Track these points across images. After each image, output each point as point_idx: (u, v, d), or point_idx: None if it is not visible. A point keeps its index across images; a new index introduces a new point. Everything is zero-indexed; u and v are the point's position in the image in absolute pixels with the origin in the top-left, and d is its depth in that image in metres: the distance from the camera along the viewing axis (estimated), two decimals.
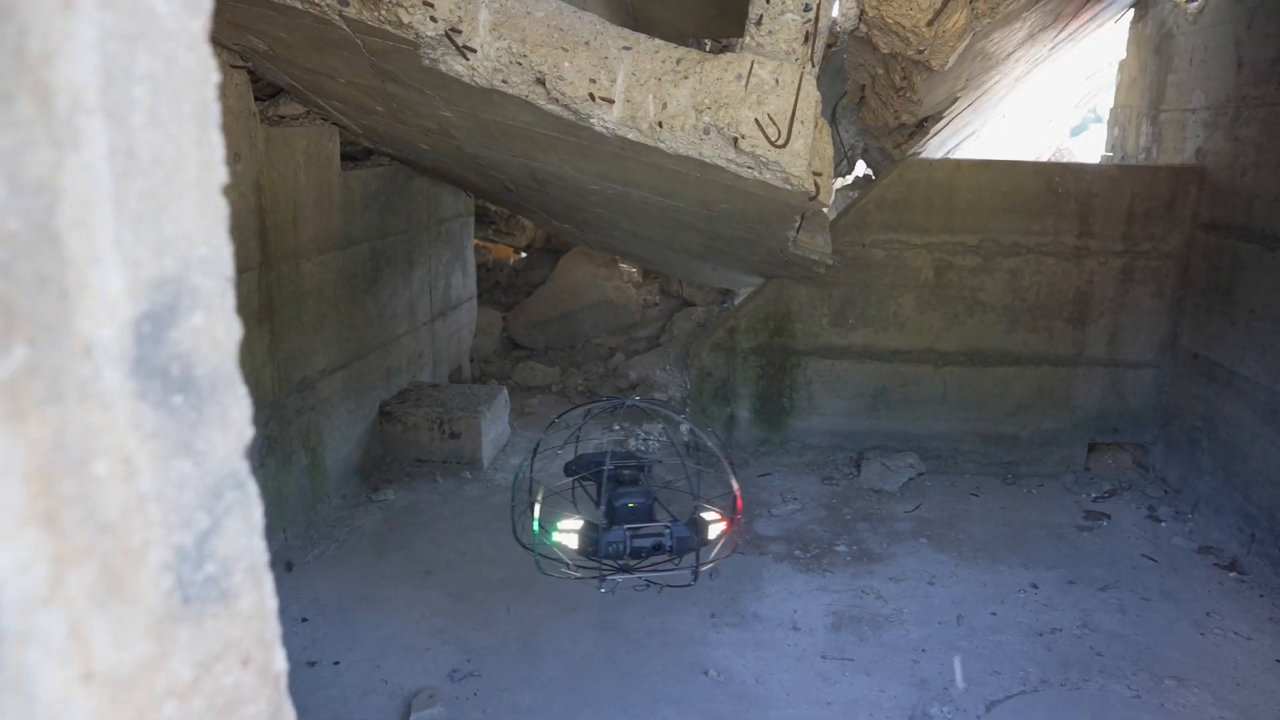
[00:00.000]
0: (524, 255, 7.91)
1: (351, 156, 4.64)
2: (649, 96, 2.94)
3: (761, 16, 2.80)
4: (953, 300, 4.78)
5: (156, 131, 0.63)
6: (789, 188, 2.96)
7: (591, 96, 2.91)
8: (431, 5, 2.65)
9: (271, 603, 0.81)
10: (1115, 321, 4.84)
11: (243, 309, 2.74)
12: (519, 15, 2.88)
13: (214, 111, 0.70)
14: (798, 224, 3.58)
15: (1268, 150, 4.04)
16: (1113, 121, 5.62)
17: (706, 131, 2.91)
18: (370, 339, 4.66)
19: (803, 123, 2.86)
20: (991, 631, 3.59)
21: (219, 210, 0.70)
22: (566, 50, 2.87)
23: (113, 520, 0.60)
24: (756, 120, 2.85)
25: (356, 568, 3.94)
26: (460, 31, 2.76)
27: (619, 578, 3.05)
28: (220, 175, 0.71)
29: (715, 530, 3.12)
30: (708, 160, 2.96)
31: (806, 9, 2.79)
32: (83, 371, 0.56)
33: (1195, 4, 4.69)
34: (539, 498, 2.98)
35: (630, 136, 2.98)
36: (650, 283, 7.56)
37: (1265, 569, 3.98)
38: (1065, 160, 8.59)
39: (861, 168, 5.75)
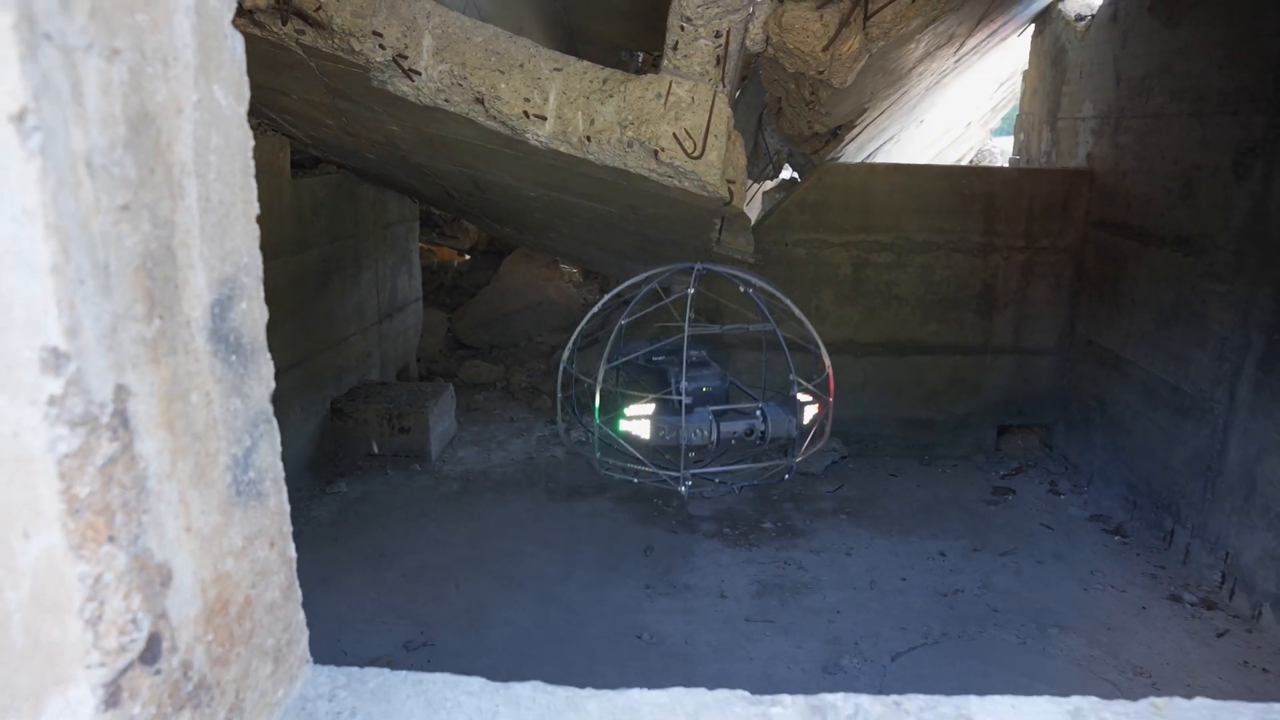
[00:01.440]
0: (467, 257, 8.22)
1: (301, 165, 4.93)
2: (578, 113, 3.31)
3: (678, 42, 3.19)
4: (870, 295, 5.22)
5: (221, 183, 1.00)
6: (705, 194, 3.35)
7: (526, 114, 3.27)
8: (380, 35, 2.99)
9: (286, 506, 1.18)
10: (1019, 312, 5.33)
11: None
12: (460, 40, 3.23)
13: (252, 167, 1.07)
14: (718, 226, 3.98)
15: (1142, 156, 4.54)
16: (1018, 127, 6.13)
17: (630, 145, 3.28)
18: (321, 339, 4.96)
19: (716, 136, 3.26)
20: (900, 594, 4.03)
21: (254, 232, 1.07)
22: (503, 72, 3.23)
23: (200, 431, 0.96)
24: (675, 134, 3.24)
25: (313, 554, 4.25)
26: (406, 57, 3.11)
27: (706, 470, 2.46)
28: (255, 209, 1.08)
29: (809, 413, 2.64)
30: (632, 170, 3.34)
31: (717, 35, 3.18)
32: (185, 336, 0.93)
33: (1083, 23, 5.20)
34: (600, 378, 2.40)
35: (562, 149, 3.35)
36: (590, 282, 7.92)
37: (1144, 531, 4.48)
38: (981, 163, 9.16)
39: (788, 171, 6.18)
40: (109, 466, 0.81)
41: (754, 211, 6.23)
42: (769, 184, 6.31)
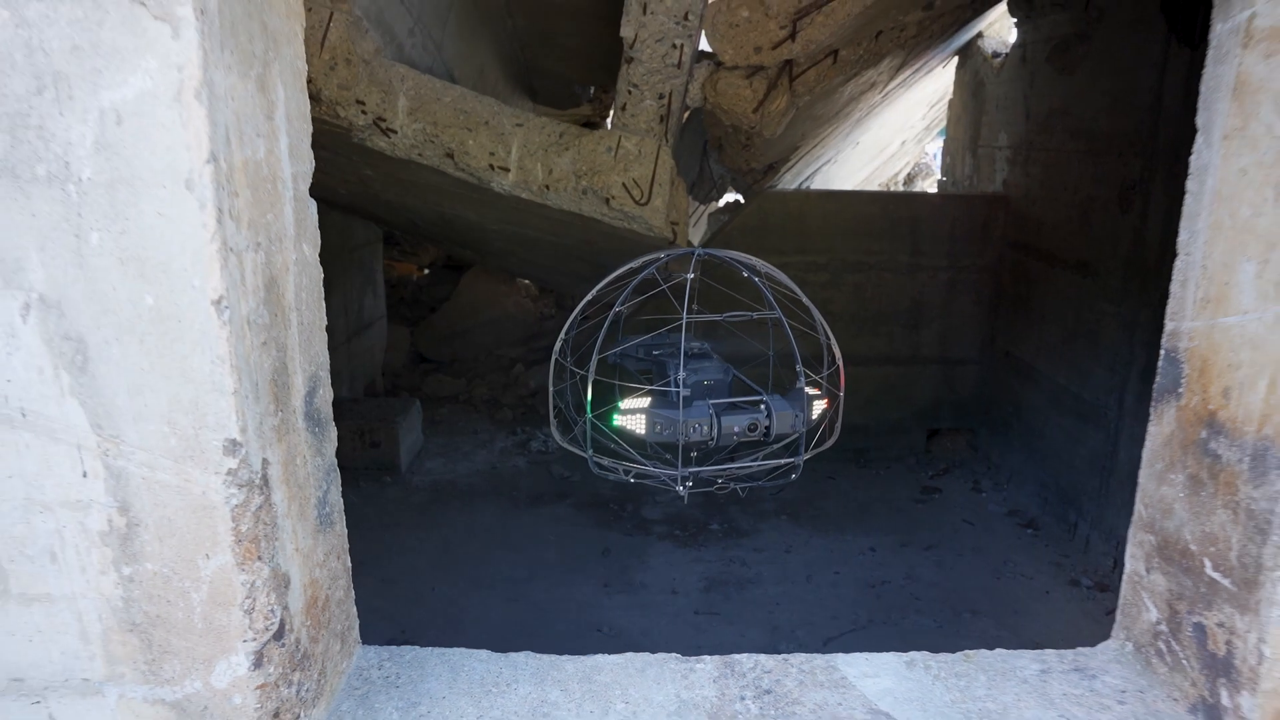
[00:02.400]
0: (426, 272, 8.64)
1: None
2: (538, 164, 3.79)
3: (625, 104, 3.68)
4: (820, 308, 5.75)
5: (309, 310, 1.47)
6: (652, 234, 3.85)
7: (491, 166, 3.74)
8: (363, 102, 3.44)
9: (345, 530, 1.66)
10: (944, 326, 5.91)
11: None
12: (431, 100, 3.69)
13: (322, 293, 1.54)
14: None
15: (1048, 186, 5.13)
16: (945, 151, 6.71)
17: (584, 192, 3.77)
18: None
19: (660, 185, 3.76)
20: (833, 586, 4.57)
21: (325, 339, 1.54)
22: (470, 130, 3.70)
23: (301, 482, 1.43)
24: (624, 184, 3.73)
25: None
26: (385, 119, 3.56)
27: (705, 470, 2.32)
28: (324, 321, 1.55)
29: (817, 408, 2.50)
30: (586, 214, 3.83)
31: (661, 97, 3.68)
32: (293, 420, 1.40)
33: (998, 60, 5.78)
34: (592, 370, 2.30)
35: (523, 196, 3.82)
36: (546, 296, 8.39)
37: (1052, 524, 5.08)
38: (920, 175, 9.78)
39: (733, 194, 6.70)
40: (258, 511, 1.29)
41: (700, 230, 6.74)
42: (715, 206, 6.83)
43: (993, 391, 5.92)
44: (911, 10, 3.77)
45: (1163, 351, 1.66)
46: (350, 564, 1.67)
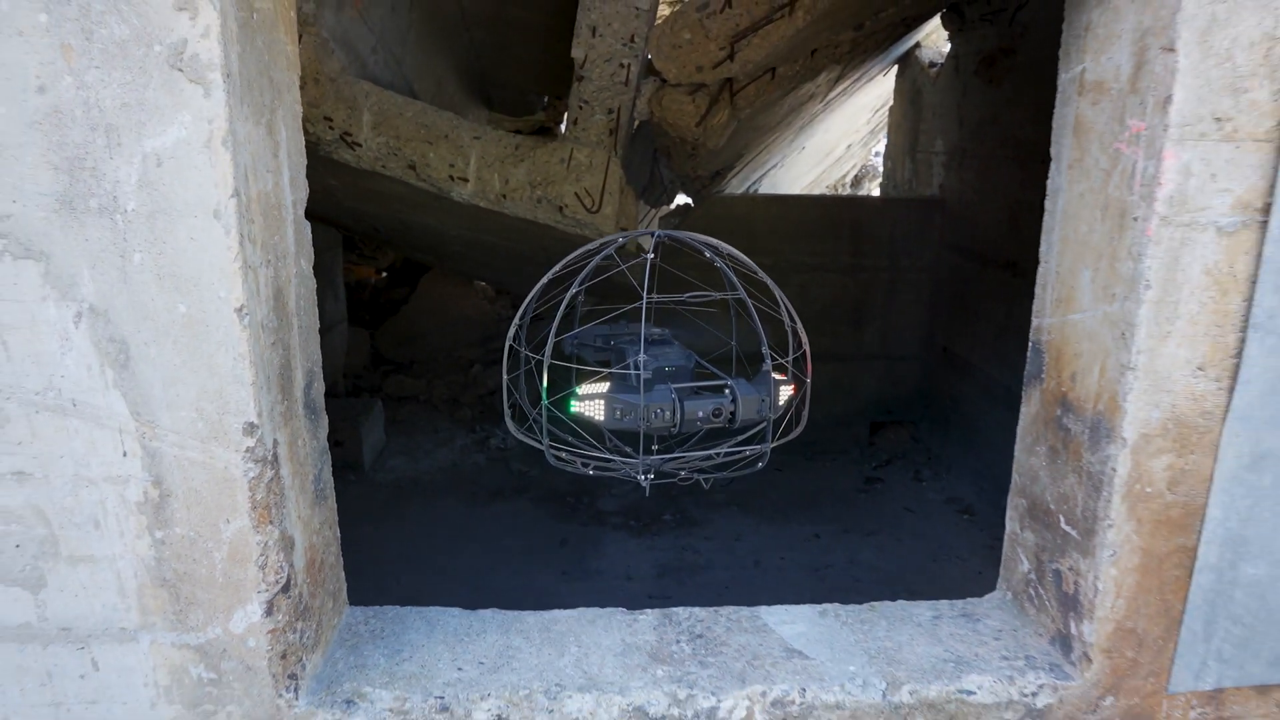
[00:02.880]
0: (385, 275, 8.87)
1: None
2: (495, 175, 4.08)
3: (577, 118, 3.98)
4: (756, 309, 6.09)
5: (306, 315, 1.76)
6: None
7: (451, 177, 4.02)
8: (330, 119, 3.71)
9: (335, 504, 1.94)
10: (886, 324, 6.28)
11: None
12: (394, 115, 3.96)
13: (315, 300, 1.83)
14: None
15: (979, 190, 5.52)
16: (886, 156, 7.10)
17: (539, 201, 4.06)
18: None
19: (610, 194, 4.06)
20: (779, 571, 4.91)
21: (318, 339, 1.83)
22: (431, 143, 3.97)
23: (301, 461, 1.72)
24: (576, 193, 4.03)
25: None
26: (351, 134, 3.83)
27: (668, 459, 2.25)
28: (318, 324, 1.84)
29: (783, 394, 2.39)
30: (541, 221, 4.12)
31: (610, 112, 3.98)
32: (295, 408, 1.70)
33: (934, 69, 6.17)
34: (548, 355, 2.17)
35: (481, 205, 4.11)
36: (503, 298, 8.65)
37: (988, 510, 5.46)
38: (867, 178, 10.19)
39: (683, 198, 7.02)
40: (270, 483, 1.57)
41: None
42: (665, 209, 7.14)
43: (932, 386, 6.31)
44: (844, 30, 4.11)
45: (1030, 344, 2.00)
46: (339, 534, 1.95)
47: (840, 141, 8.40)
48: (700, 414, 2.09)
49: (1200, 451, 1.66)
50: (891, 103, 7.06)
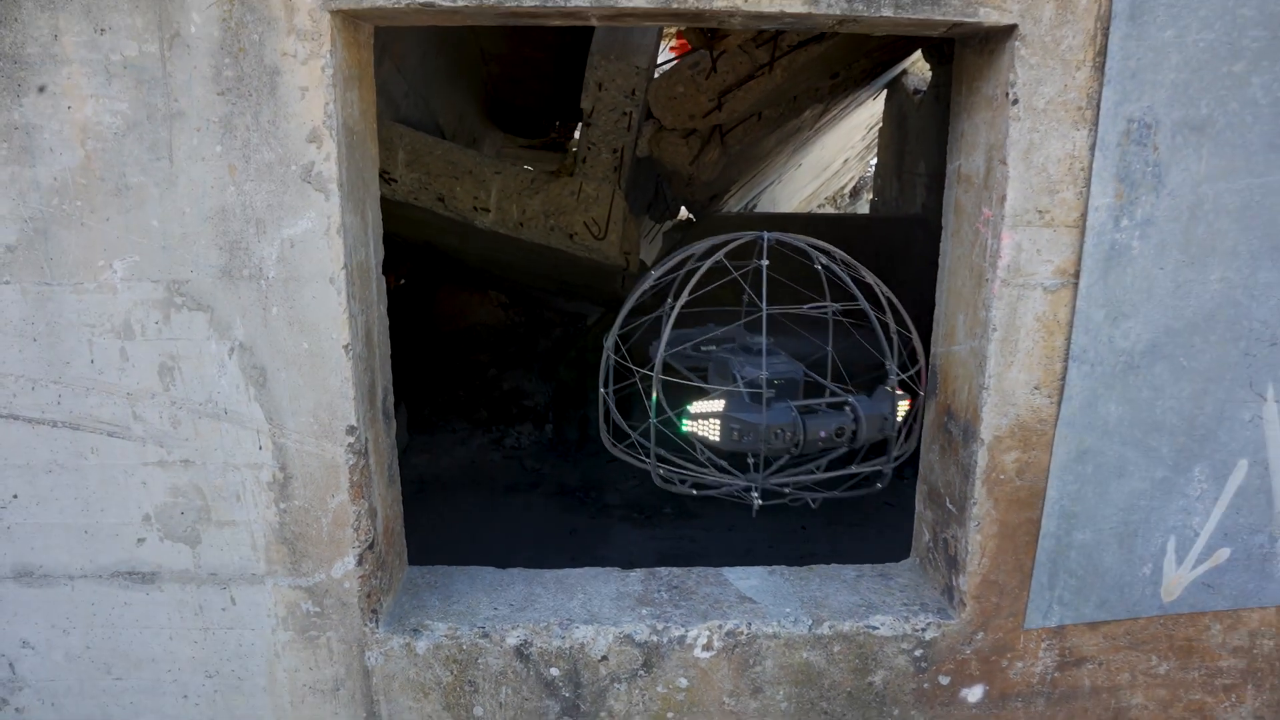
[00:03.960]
0: (403, 282, 9.57)
1: None
2: (513, 205, 4.76)
3: (585, 157, 4.66)
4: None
5: (383, 347, 2.45)
6: (608, 262, 4.83)
7: (474, 207, 4.71)
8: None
9: (400, 488, 2.63)
10: (874, 337, 6.92)
11: None
12: (424, 154, 4.65)
13: (388, 339, 2.51)
14: (621, 279, 5.47)
15: None
16: (876, 175, 7.75)
17: (552, 229, 4.74)
18: None
19: (615, 223, 4.74)
20: (768, 558, 5.56)
21: (390, 364, 2.51)
22: (457, 178, 4.66)
23: (381, 452, 2.43)
24: (584, 222, 4.71)
25: None
26: (387, 171, 4.52)
27: (785, 480, 2.12)
28: (389, 352, 2.53)
29: (901, 409, 2.36)
30: (554, 246, 4.80)
31: (615, 151, 4.66)
32: (377, 415, 2.40)
33: (918, 96, 6.83)
34: (658, 368, 2.04)
35: (501, 231, 4.79)
36: (515, 306, 9.34)
37: None
38: (865, 190, 10.83)
39: (684, 211, 7.69)
40: (362, 469, 2.25)
41: (655, 247, 7.72)
42: (669, 224, 7.82)
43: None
44: (821, 79, 4.78)
45: (931, 367, 2.67)
46: (402, 511, 2.64)
47: (836, 157, 9.06)
48: (823, 434, 1.98)
49: (1039, 448, 2.32)
50: (882, 126, 7.71)
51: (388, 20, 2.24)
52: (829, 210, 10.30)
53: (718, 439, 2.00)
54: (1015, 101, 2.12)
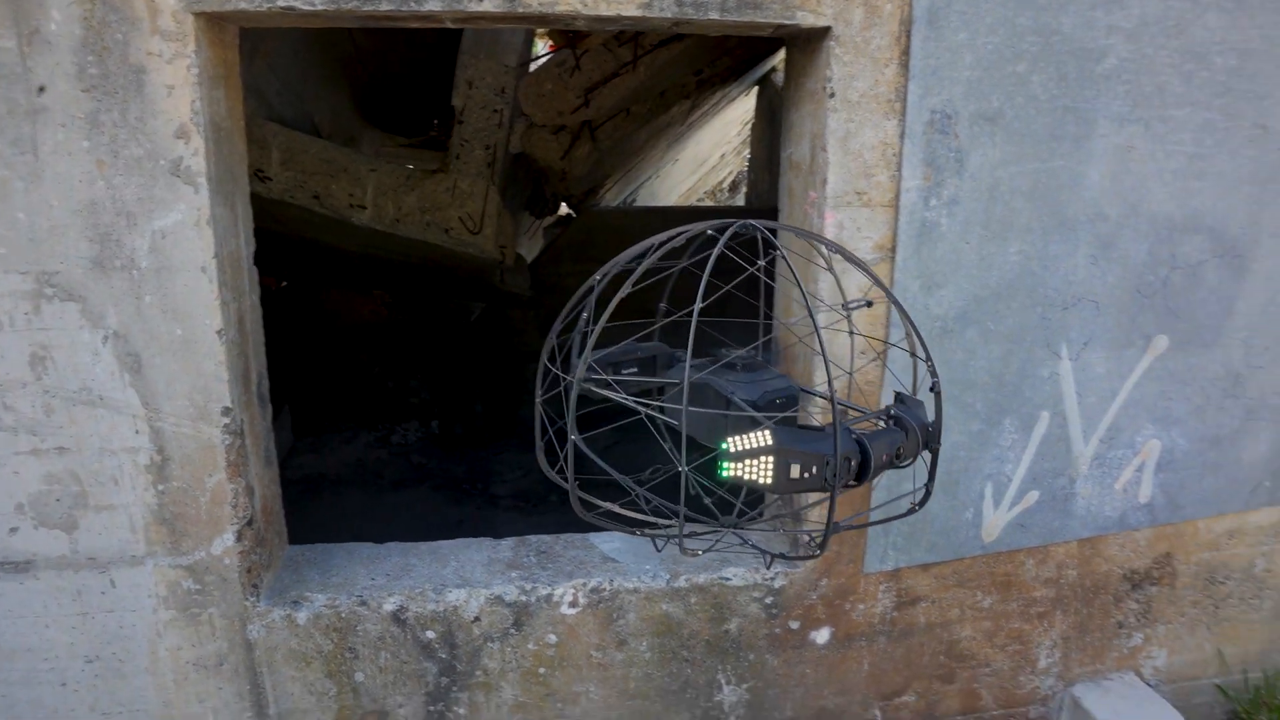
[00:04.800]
0: (284, 284, 9.49)
1: None
2: (389, 202, 4.86)
3: (459, 154, 4.80)
4: (630, 312, 6.98)
5: (255, 333, 2.57)
6: (484, 256, 4.98)
7: (351, 205, 4.80)
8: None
9: (278, 468, 2.74)
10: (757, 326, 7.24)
11: None
12: (299, 152, 4.72)
13: (261, 325, 2.64)
14: (500, 273, 5.62)
15: None
16: (750, 168, 8.07)
17: (428, 225, 4.87)
18: None
19: (490, 217, 4.89)
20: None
21: (264, 350, 2.63)
22: (333, 176, 4.74)
23: (258, 434, 2.54)
24: (460, 218, 4.85)
25: None
26: (262, 170, 4.57)
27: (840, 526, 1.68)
28: (263, 339, 2.65)
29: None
30: (431, 241, 4.93)
31: (488, 148, 4.81)
32: (253, 398, 2.51)
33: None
34: (577, 378, 1.73)
35: (378, 228, 4.89)
36: (400, 302, 9.37)
37: None
38: (744, 183, 11.18)
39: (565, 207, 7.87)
40: (239, 449, 2.38)
41: (537, 244, 7.89)
42: (549, 219, 7.98)
43: None
44: (686, 76, 5.02)
45: (773, 341, 2.91)
46: (280, 491, 2.75)
47: (713, 152, 9.37)
48: (885, 457, 1.64)
49: (869, 407, 2.59)
50: (754, 119, 8.03)
51: (251, 22, 2.36)
52: (708, 204, 10.62)
53: (770, 481, 1.55)
54: (832, 95, 2.37)
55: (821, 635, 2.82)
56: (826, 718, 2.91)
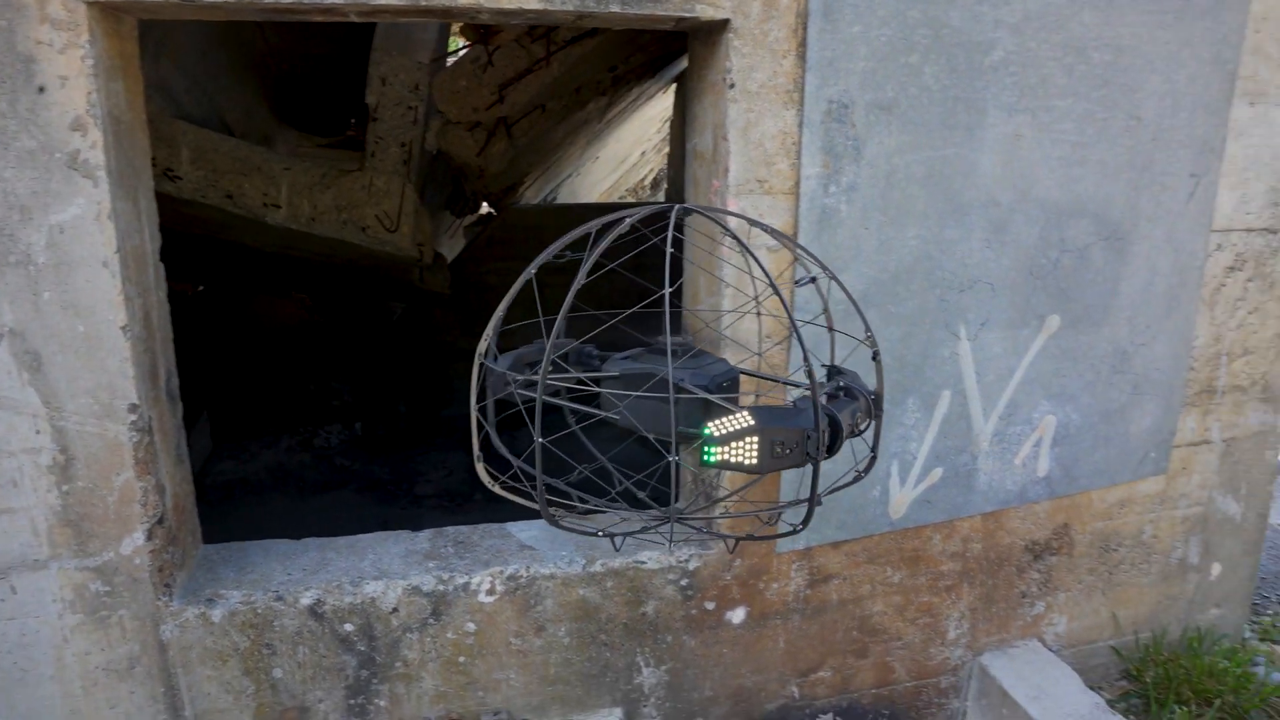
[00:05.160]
0: (200, 289, 9.30)
1: None
2: (304, 201, 4.81)
3: (374, 151, 4.77)
4: (552, 309, 6.99)
5: (163, 329, 2.55)
6: (402, 254, 4.96)
7: (265, 204, 4.74)
8: (153, 156, 4.36)
9: (189, 465, 2.71)
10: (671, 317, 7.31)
11: None
12: (210, 151, 4.64)
13: (169, 321, 2.61)
14: (419, 273, 5.59)
15: None
16: (669, 165, 8.14)
17: (345, 223, 4.83)
18: None
19: (406, 215, 4.87)
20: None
21: (173, 346, 2.61)
22: (245, 175, 4.68)
23: (168, 430, 2.51)
24: (376, 215, 4.82)
25: None
26: (172, 169, 4.49)
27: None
28: (172, 335, 2.62)
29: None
30: (348, 240, 4.89)
31: (403, 145, 4.79)
32: (161, 395, 2.48)
33: None
34: (541, 384, 1.65)
35: (294, 227, 4.84)
36: (320, 304, 9.25)
37: None
38: (630, 201, 11.27)
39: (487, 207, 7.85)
40: (148, 446, 2.35)
41: (458, 242, 7.86)
42: (470, 218, 7.96)
43: None
44: (600, 72, 5.06)
45: (683, 325, 2.97)
46: (194, 489, 2.72)
47: (634, 149, 9.43)
48: (849, 426, 1.71)
49: (778, 393, 2.66)
50: (672, 116, 8.11)
51: (150, 14, 2.34)
52: (630, 200, 10.68)
53: (755, 461, 1.59)
54: (732, 86, 2.44)
55: (737, 615, 2.88)
56: (745, 695, 2.98)
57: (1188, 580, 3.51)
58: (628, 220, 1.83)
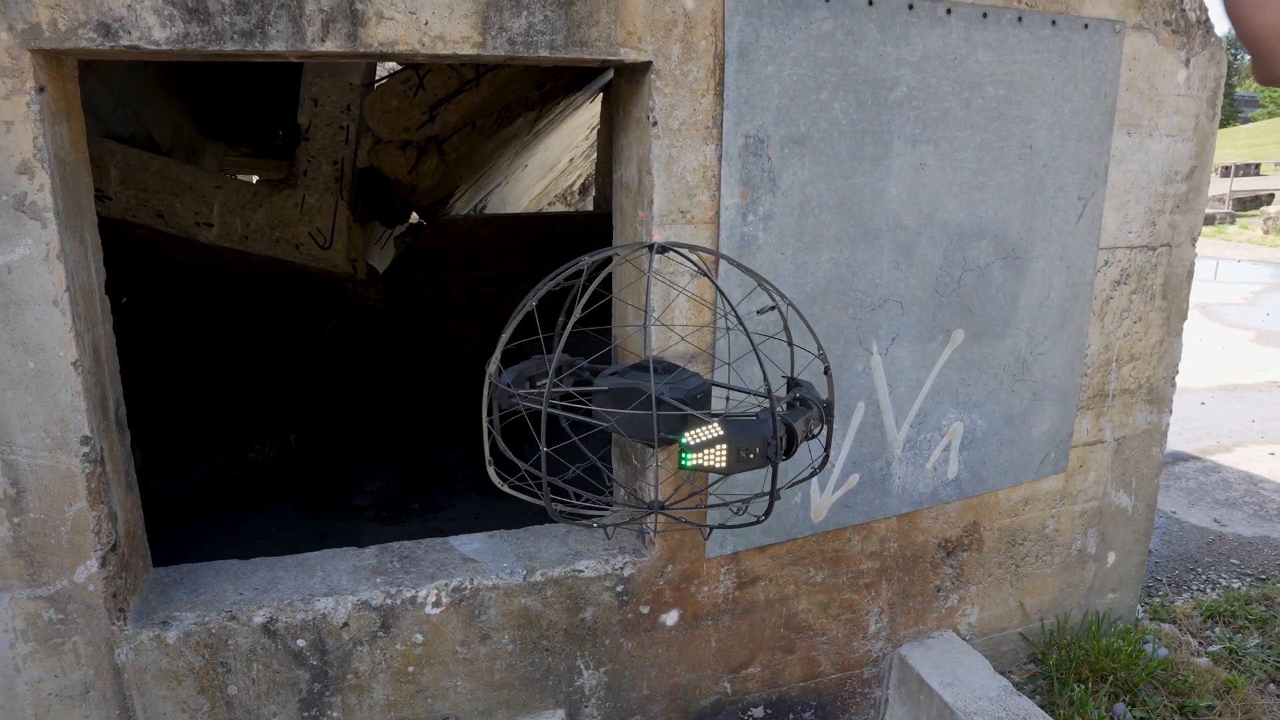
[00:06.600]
0: (124, 300, 9.18)
1: None
2: (237, 219, 4.86)
3: (307, 169, 4.83)
4: (483, 318, 7.12)
5: (111, 362, 2.62)
6: (336, 271, 5.03)
7: (197, 223, 4.77)
8: None
9: (139, 494, 2.79)
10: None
11: None
12: (140, 170, 4.66)
13: (116, 354, 2.69)
14: (353, 287, 5.66)
15: None
16: (597, 172, 8.29)
17: (278, 241, 4.88)
18: None
19: (340, 231, 4.94)
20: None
21: (120, 378, 2.68)
22: (176, 194, 4.71)
23: (119, 460, 2.59)
24: (310, 233, 4.88)
25: None
26: (100, 189, 4.50)
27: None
28: (119, 367, 2.70)
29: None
30: (281, 257, 4.94)
31: (335, 163, 4.86)
32: (112, 425, 2.56)
33: None
34: (547, 397, 1.88)
35: (227, 245, 4.88)
36: (253, 319, 9.20)
37: None
38: (558, 210, 11.41)
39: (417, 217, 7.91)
40: (100, 476, 2.43)
41: (389, 253, 7.91)
42: (401, 228, 8.01)
43: None
44: (529, 90, 5.19)
45: (614, 350, 3.13)
46: (143, 516, 2.80)
47: (562, 156, 9.55)
48: (802, 432, 1.96)
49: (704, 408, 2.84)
50: (599, 124, 8.25)
51: (94, 57, 2.41)
52: (559, 208, 10.80)
53: (724, 465, 1.87)
54: (655, 123, 2.60)
55: (671, 617, 3.05)
56: (680, 693, 3.15)
57: (1087, 569, 3.79)
58: (614, 260, 2.29)
